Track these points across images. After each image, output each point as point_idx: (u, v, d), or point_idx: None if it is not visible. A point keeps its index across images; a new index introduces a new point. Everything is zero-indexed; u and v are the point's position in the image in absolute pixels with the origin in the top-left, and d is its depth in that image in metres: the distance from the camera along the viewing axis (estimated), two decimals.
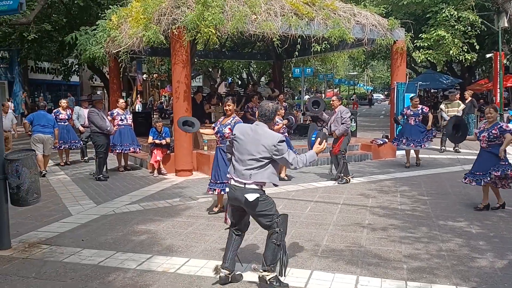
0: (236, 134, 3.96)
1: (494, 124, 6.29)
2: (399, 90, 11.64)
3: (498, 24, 15.33)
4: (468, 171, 6.55)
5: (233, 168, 3.92)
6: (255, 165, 3.81)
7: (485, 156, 6.33)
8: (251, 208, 3.83)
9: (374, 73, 58.03)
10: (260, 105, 4.03)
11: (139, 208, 6.67)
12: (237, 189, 3.85)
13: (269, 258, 3.84)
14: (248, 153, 3.83)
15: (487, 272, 4.21)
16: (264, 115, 3.93)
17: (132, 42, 9.58)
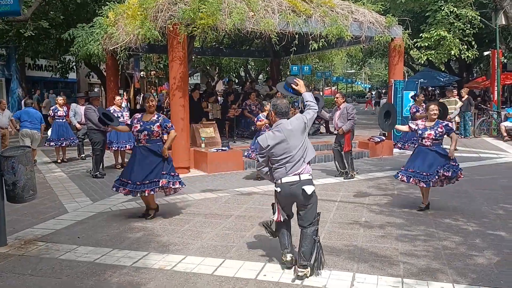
0: (271, 143, 4.06)
1: (437, 122, 6.10)
2: (397, 88, 11.63)
3: (495, 21, 15.34)
4: (405, 169, 6.21)
5: (285, 170, 4.06)
6: (303, 152, 4.10)
7: (430, 155, 6.04)
8: (307, 199, 4.07)
9: (372, 71, 58.00)
10: (273, 106, 4.22)
11: (135, 206, 6.65)
12: (293, 184, 4.05)
13: (308, 254, 4.02)
14: (294, 148, 4.06)
15: (483, 270, 4.20)
16: (284, 112, 4.18)
17: (129, 39, 9.54)
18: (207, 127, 10.77)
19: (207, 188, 7.88)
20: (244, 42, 16.28)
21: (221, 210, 6.39)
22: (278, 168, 4.10)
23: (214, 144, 10.34)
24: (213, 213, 6.25)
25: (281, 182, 4.08)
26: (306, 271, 3.99)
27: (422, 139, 6.11)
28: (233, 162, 9.57)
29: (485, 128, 15.61)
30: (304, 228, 4.11)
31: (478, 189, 7.57)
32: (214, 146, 10.08)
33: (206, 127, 10.78)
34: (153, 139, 5.86)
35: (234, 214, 6.17)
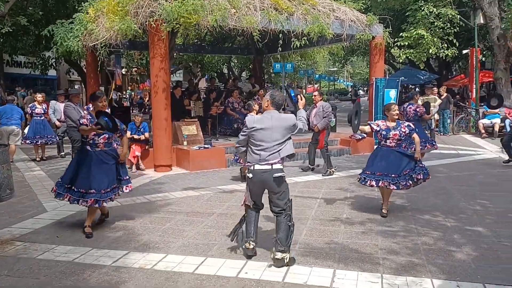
0: (256, 126, 4.30)
1: (398, 122, 5.94)
2: (378, 86, 11.74)
3: (474, 20, 15.60)
4: (370, 172, 5.91)
5: (259, 156, 4.27)
6: (281, 147, 4.30)
7: (393, 156, 5.85)
8: (278, 186, 4.29)
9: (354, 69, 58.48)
10: (271, 95, 4.44)
11: (116, 204, 6.56)
12: (265, 172, 4.26)
13: (284, 238, 4.23)
14: (274, 140, 4.28)
15: (461, 265, 4.28)
16: (279, 104, 4.42)
17: (109, 36, 9.42)
18: (189, 125, 10.71)
19: (189, 186, 7.84)
20: (226, 39, 16.23)
21: (203, 208, 6.37)
22: (253, 153, 4.33)
23: (197, 141, 10.29)
24: (195, 211, 6.23)
25: (254, 168, 4.30)
26: (284, 255, 4.20)
27: (386, 139, 5.87)
28: (215, 160, 9.54)
29: (463, 125, 15.89)
30: (278, 215, 4.35)
31: (456, 185, 7.71)
32: (196, 144, 10.04)
33: (188, 124, 10.72)
34: (110, 142, 5.39)
35: (216, 212, 6.16)
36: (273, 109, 4.40)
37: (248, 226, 4.51)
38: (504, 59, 15.03)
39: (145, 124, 9.55)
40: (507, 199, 6.68)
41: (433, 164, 9.52)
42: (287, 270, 4.17)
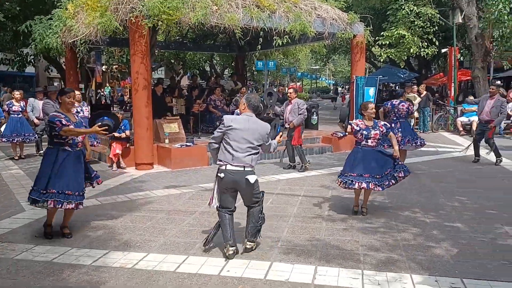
0: (233, 125, 4.34)
1: (375, 121, 5.87)
2: (358, 84, 11.85)
3: (453, 19, 15.86)
4: (357, 174, 5.69)
5: (232, 156, 4.32)
6: (253, 152, 4.39)
7: (376, 155, 5.76)
8: (250, 188, 4.40)
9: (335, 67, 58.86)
10: (247, 98, 4.52)
11: (96, 203, 6.49)
12: (235, 173, 4.33)
13: (255, 229, 4.52)
14: (247, 142, 4.36)
15: (440, 260, 4.35)
16: (255, 107, 4.49)
17: (89, 32, 9.29)
18: (171, 123, 10.63)
19: (170, 184, 7.79)
20: (208, 36, 16.14)
21: (185, 206, 6.33)
22: (227, 152, 4.37)
23: (179, 139, 10.23)
24: (177, 209, 6.19)
25: (225, 168, 4.35)
26: (253, 245, 4.54)
27: (368, 139, 5.74)
28: (197, 158, 9.50)
29: (442, 123, 16.17)
30: (250, 208, 4.55)
31: (435, 182, 7.84)
32: (178, 142, 9.97)
33: (170, 122, 10.64)
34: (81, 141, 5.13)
35: (198, 210, 6.13)
36: (250, 111, 4.49)
37: (223, 231, 4.44)
38: (481, 58, 15.33)
39: (126, 122, 9.43)
40: (484, 196, 6.82)
41: (413, 162, 9.66)
42: (269, 267, 4.18)
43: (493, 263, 4.27)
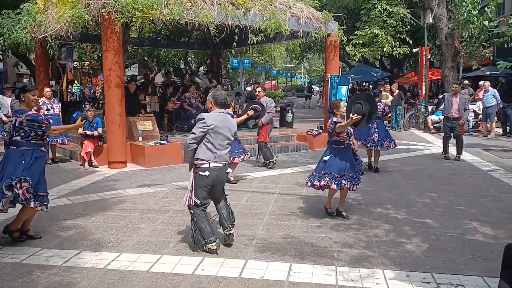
0: (215, 124, 4.38)
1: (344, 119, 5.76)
2: (332, 83, 11.97)
3: (424, 20, 16.19)
4: (340, 175, 5.51)
5: (215, 155, 4.40)
6: (230, 146, 4.58)
7: (349, 154, 5.71)
8: (225, 181, 4.68)
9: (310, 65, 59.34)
10: (213, 96, 4.54)
11: (67, 203, 6.35)
12: (220, 169, 4.47)
13: (230, 216, 4.70)
14: (227, 139, 4.48)
15: (411, 255, 4.45)
16: (223, 103, 4.53)
17: (60, 27, 9.06)
18: (145, 120, 10.49)
19: (144, 182, 7.69)
20: (182, 33, 16.00)
21: (159, 205, 6.26)
22: (209, 150, 4.39)
23: (153, 137, 10.10)
24: (150, 208, 6.11)
25: (210, 166, 4.39)
26: (232, 231, 4.70)
27: (350, 138, 5.64)
28: (172, 156, 9.41)
29: (413, 121, 16.50)
30: (220, 201, 4.70)
31: (406, 179, 7.99)
32: (152, 140, 9.85)
33: (144, 120, 10.50)
34: None
35: (173, 208, 6.07)
36: (218, 108, 4.55)
37: (203, 228, 4.45)
38: (451, 58, 15.71)
39: (98, 120, 9.26)
40: (453, 192, 7.00)
41: (385, 159, 9.83)
42: (244, 265, 4.18)
43: (462, 257, 4.39)
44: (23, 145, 4.66)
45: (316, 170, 5.74)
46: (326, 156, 5.67)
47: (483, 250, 4.58)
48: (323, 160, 5.68)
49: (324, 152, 5.85)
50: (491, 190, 7.11)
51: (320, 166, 5.71)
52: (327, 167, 5.59)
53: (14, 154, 4.64)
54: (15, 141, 4.67)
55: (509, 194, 6.79)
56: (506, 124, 14.06)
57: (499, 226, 5.31)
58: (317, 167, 5.79)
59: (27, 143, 4.67)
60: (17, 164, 4.57)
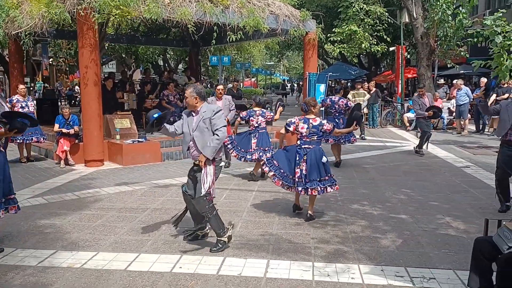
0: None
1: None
2: (311, 80, 12.07)
3: (400, 19, 16.46)
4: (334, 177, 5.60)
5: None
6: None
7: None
8: None
9: (289, 63, 59.52)
10: (197, 92, 4.48)
11: (42, 202, 6.25)
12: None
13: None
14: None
15: (386, 250, 4.54)
16: (205, 96, 4.56)
17: (34, 23, 8.89)
18: (122, 118, 10.39)
19: (122, 181, 7.63)
20: (161, 30, 15.87)
21: (137, 204, 6.23)
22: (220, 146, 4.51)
23: (130, 135, 10.01)
24: (128, 207, 6.08)
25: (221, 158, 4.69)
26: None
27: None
28: (150, 154, 9.35)
29: (390, 118, 16.76)
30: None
31: (382, 175, 8.14)
32: (129, 138, 9.76)
33: (121, 118, 10.39)
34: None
35: (150, 207, 6.05)
36: (203, 102, 4.56)
37: (219, 220, 4.55)
38: (426, 56, 16.01)
39: (75, 117, 9.13)
40: (427, 188, 7.16)
41: (362, 156, 9.99)
42: (222, 263, 4.20)
43: (435, 251, 4.51)
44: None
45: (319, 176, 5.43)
46: (323, 158, 5.44)
47: (455, 244, 4.71)
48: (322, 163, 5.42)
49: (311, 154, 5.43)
50: (463, 186, 7.30)
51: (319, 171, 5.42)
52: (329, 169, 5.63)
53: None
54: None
55: (480, 190, 6.98)
56: (478, 121, 14.41)
57: (470, 221, 5.46)
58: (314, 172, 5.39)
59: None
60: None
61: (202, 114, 4.46)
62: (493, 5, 22.04)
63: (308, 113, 5.58)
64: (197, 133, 4.47)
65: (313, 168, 5.36)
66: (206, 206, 4.43)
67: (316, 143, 5.50)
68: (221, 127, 4.39)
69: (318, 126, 5.47)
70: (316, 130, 5.46)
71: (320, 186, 5.38)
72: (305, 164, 5.39)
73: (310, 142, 5.47)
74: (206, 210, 4.44)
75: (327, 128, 5.48)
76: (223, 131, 4.37)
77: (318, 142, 5.53)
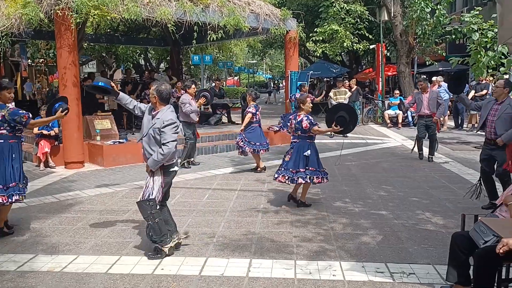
0: (178, 122, 4.33)
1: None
2: (292, 79, 12.12)
3: (380, 17, 16.64)
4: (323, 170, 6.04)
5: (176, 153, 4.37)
6: None
7: None
8: None
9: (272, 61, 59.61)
10: (158, 91, 4.25)
11: (22, 205, 6.13)
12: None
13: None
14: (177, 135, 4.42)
15: (367, 247, 4.60)
16: (167, 99, 4.33)
17: (11, 23, 8.71)
18: (103, 119, 10.27)
19: (102, 183, 7.55)
20: (141, 30, 15.74)
21: (118, 206, 6.18)
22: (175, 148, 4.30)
23: (111, 136, 9.91)
24: (109, 209, 6.02)
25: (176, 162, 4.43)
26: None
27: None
28: (132, 155, 9.26)
29: (371, 116, 16.94)
30: (165, 206, 4.56)
31: (364, 172, 8.23)
32: (110, 139, 9.66)
33: (102, 119, 10.28)
34: None
35: (132, 209, 5.99)
36: (164, 105, 4.31)
37: (168, 226, 4.41)
38: (406, 54, 16.23)
39: None
40: (407, 184, 7.27)
41: (344, 153, 10.06)
42: (204, 263, 4.20)
43: (414, 246, 4.59)
44: (11, 138, 4.88)
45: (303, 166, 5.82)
46: (307, 151, 5.81)
47: (433, 239, 4.79)
48: (304, 156, 5.80)
49: (296, 147, 5.89)
50: (442, 182, 7.43)
51: (303, 163, 5.82)
52: (313, 163, 5.87)
53: (3, 147, 4.83)
54: (1, 134, 4.84)
55: (459, 185, 7.11)
56: (457, 117, 14.67)
57: (449, 216, 5.57)
58: (298, 163, 5.82)
59: (13, 136, 4.91)
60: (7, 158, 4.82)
61: (155, 121, 4.23)
62: (471, 3, 22.43)
63: (300, 109, 5.95)
64: (146, 139, 4.30)
65: (296, 160, 5.81)
66: (147, 212, 4.22)
67: (302, 138, 5.86)
68: (168, 142, 4.13)
69: (300, 122, 5.80)
70: (298, 126, 5.82)
71: (303, 176, 5.80)
72: (289, 156, 5.92)
73: (297, 137, 5.91)
74: (147, 215, 4.23)
75: (304, 126, 5.78)
76: (169, 146, 4.13)
77: (304, 137, 5.86)
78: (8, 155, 4.81)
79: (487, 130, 5.81)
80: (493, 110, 5.77)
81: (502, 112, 5.64)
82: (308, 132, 5.82)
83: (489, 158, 5.85)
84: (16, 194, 4.87)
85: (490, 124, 5.74)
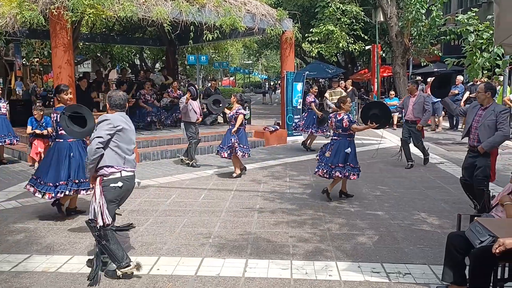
0: (122, 126, 3.89)
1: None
2: (288, 79, 12.12)
3: (375, 18, 16.69)
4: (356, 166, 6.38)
5: (124, 160, 3.89)
6: (134, 153, 4.08)
7: None
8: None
9: (268, 62, 59.65)
10: (109, 97, 4.05)
11: (16, 205, 6.11)
12: (131, 178, 3.98)
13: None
14: (132, 142, 4.06)
15: (363, 247, 4.60)
16: (119, 105, 4.01)
17: (5, 23, 8.65)
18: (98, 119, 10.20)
19: None
20: (136, 29, 15.69)
21: None
22: (117, 156, 3.84)
23: None
24: None
25: (121, 176, 3.84)
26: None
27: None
28: None
29: None
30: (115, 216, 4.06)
31: None
32: None
33: (97, 118, 10.20)
34: None
35: (128, 208, 5.97)
36: (115, 112, 3.98)
37: (117, 251, 3.81)
38: (401, 55, 16.27)
39: (48, 119, 8.92)
40: (403, 184, 7.29)
41: None
42: (200, 263, 4.19)
43: (410, 247, 4.60)
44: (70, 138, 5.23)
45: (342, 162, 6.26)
46: (348, 149, 6.26)
47: (429, 239, 4.81)
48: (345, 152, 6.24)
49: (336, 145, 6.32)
50: (438, 182, 7.45)
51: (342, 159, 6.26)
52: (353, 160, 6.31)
53: (61, 147, 5.32)
54: (61, 135, 5.29)
55: (454, 185, 7.13)
56: (452, 118, 14.73)
57: (444, 216, 5.58)
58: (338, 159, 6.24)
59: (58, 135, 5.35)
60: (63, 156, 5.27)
61: None
62: (466, 4, 22.54)
63: (340, 109, 6.36)
64: None
65: (336, 156, 6.24)
66: (93, 233, 3.83)
67: (343, 136, 6.28)
68: (93, 139, 3.79)
69: (341, 121, 6.25)
70: (339, 124, 6.27)
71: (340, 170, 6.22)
72: (329, 152, 6.34)
73: (337, 135, 6.35)
74: (95, 237, 3.82)
75: (344, 124, 6.20)
76: (93, 143, 3.74)
77: (344, 135, 6.29)
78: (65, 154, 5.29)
79: (471, 137, 5.41)
80: (477, 116, 5.35)
81: (485, 118, 5.24)
82: (348, 130, 6.23)
83: (471, 167, 5.39)
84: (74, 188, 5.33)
85: (474, 131, 5.35)
